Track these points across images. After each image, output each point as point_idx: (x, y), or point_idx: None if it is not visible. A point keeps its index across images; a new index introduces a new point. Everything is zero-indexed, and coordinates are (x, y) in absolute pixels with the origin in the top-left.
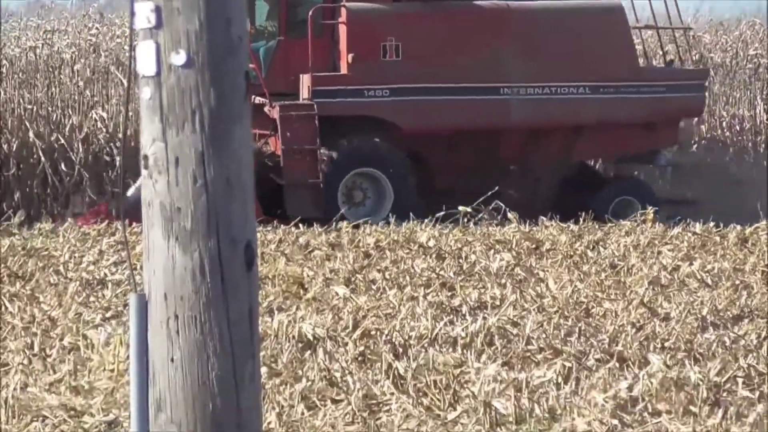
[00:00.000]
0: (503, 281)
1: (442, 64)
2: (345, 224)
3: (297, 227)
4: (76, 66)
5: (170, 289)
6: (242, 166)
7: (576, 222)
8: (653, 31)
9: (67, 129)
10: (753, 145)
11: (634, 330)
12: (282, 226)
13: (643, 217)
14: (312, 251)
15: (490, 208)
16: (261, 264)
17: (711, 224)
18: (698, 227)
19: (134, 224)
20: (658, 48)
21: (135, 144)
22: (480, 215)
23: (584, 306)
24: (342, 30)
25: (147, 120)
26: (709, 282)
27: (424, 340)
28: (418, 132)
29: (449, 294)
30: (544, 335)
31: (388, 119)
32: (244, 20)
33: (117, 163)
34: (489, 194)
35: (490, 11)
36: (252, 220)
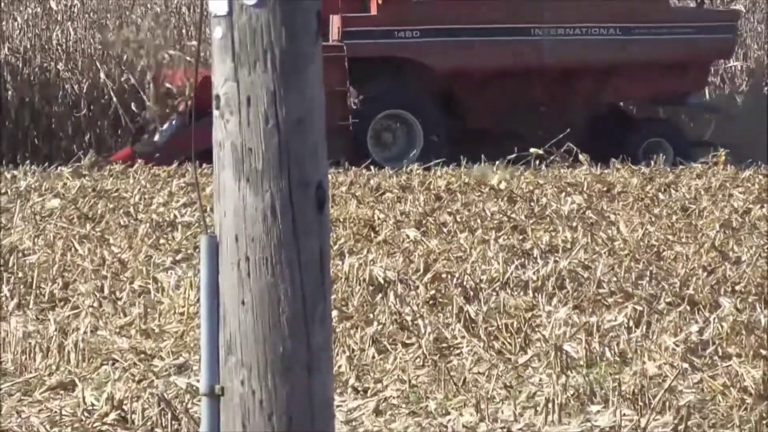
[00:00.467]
0: (574, 224)
1: (473, 5)
2: (416, 166)
3: (368, 169)
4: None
5: (241, 231)
6: (314, 106)
7: (647, 165)
8: None
9: (138, 70)
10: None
11: (705, 273)
12: (353, 168)
13: (715, 160)
14: (383, 194)
15: (562, 151)
16: (332, 206)
17: None
18: None
19: (204, 165)
20: None
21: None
22: (552, 157)
23: (655, 249)
24: None
25: (218, 60)
26: None
27: (495, 284)
28: (449, 73)
29: (520, 237)
30: (615, 279)
31: (418, 60)
32: None
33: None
34: (561, 137)
35: None
36: (324, 161)
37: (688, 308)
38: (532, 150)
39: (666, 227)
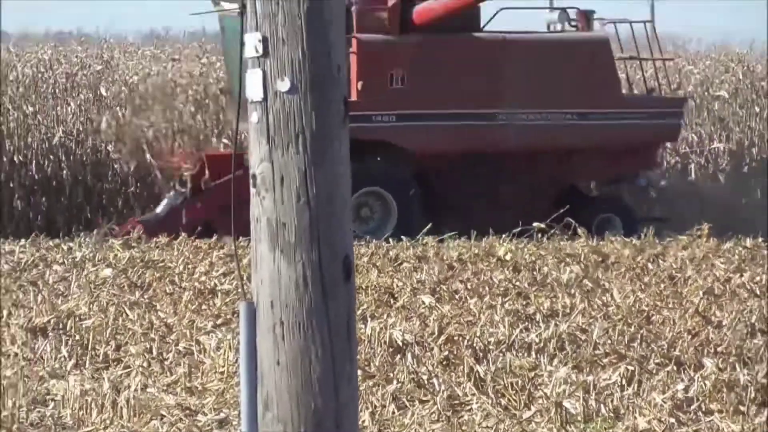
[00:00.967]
0: (573, 291)
1: (445, 92)
2: (430, 238)
3: (387, 242)
4: (189, 92)
5: (276, 298)
6: (341, 184)
7: (639, 237)
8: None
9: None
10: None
11: (690, 336)
12: (374, 241)
13: (699, 233)
14: (401, 264)
15: (561, 225)
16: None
17: (760, 239)
18: (749, 242)
19: (241, 238)
20: (651, 77)
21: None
22: (552, 231)
23: (645, 314)
24: (352, 59)
25: (255, 142)
26: (758, 292)
27: (502, 345)
28: (422, 154)
29: (524, 303)
30: (610, 341)
31: (394, 143)
32: (344, 50)
33: (155, 176)
34: (560, 212)
35: (488, 43)
36: (349, 234)
37: (675, 368)
38: (535, 224)
39: (655, 294)
